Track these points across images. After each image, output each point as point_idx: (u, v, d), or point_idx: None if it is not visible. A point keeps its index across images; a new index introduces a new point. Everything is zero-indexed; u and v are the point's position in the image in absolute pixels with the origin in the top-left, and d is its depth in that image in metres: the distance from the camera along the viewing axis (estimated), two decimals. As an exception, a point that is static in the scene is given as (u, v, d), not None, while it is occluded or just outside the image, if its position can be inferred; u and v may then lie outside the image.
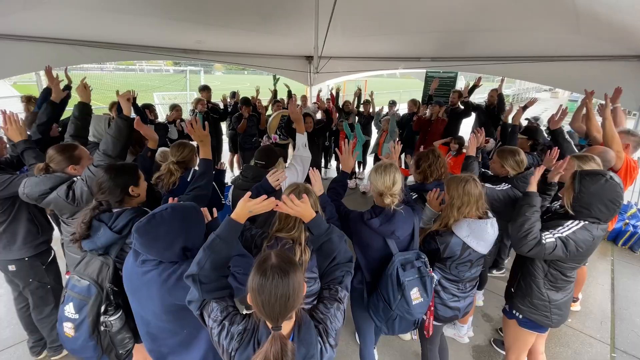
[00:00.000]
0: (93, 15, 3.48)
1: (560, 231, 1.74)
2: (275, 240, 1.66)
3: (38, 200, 1.91)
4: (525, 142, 3.53)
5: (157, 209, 1.41)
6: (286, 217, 1.65)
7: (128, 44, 4.97)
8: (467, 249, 1.83)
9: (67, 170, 2.01)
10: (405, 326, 1.91)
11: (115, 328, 1.60)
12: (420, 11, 3.55)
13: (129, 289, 1.48)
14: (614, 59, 4.18)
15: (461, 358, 2.76)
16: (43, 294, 2.38)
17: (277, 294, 1.00)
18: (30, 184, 1.90)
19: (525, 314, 2.00)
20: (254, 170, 2.49)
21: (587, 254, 1.81)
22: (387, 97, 8.06)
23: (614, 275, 3.96)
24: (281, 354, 0.97)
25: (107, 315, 1.58)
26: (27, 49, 4.04)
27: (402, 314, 1.79)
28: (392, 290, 1.77)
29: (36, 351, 2.59)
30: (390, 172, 1.81)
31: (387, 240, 1.84)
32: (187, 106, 9.56)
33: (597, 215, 1.69)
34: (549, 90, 33.77)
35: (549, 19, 3.32)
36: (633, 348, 2.90)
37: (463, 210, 1.83)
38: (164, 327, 1.45)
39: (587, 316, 3.27)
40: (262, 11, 3.71)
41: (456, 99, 5.74)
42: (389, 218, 1.80)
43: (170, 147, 2.56)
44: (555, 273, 1.86)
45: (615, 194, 1.64)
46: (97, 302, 1.58)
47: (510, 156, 2.58)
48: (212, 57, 6.35)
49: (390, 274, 1.78)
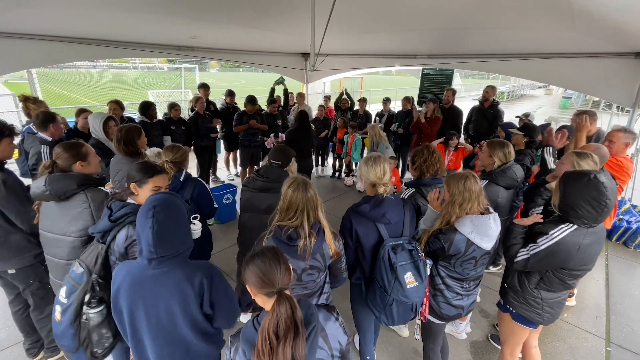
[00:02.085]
0: (86, 11, 3.43)
1: (540, 243, 1.78)
2: (278, 228, 1.66)
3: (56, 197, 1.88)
4: (521, 138, 3.55)
5: (148, 202, 1.39)
6: (287, 209, 1.67)
7: (121, 41, 4.90)
8: (471, 245, 1.83)
9: (74, 167, 2.00)
10: (403, 313, 1.94)
11: (94, 322, 1.60)
12: (417, 8, 3.55)
13: (131, 299, 1.39)
14: (608, 56, 4.21)
15: (459, 354, 2.78)
16: (44, 294, 2.35)
17: (268, 262, 1.12)
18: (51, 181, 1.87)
19: (518, 309, 2.03)
20: (277, 171, 2.48)
21: (581, 263, 1.77)
22: (382, 95, 8.06)
23: (609, 270, 4.01)
24: (291, 310, 1.00)
25: (89, 307, 1.59)
26: (19, 46, 3.97)
27: (398, 298, 1.84)
28: (386, 274, 1.84)
29: (33, 353, 2.56)
30: (379, 163, 1.93)
31: (378, 226, 1.91)
32: (183, 104, 9.49)
33: (583, 216, 1.67)
34: (543, 87, 34.07)
35: (544, 16, 3.33)
36: (628, 342, 2.94)
37: (465, 207, 1.84)
38: (168, 340, 1.42)
39: (582, 311, 3.31)
40: (257, 6, 3.68)
41: (450, 97, 5.76)
42: (379, 203, 1.91)
43: (164, 149, 2.64)
44: (552, 278, 1.86)
45: (599, 192, 1.61)
46: (84, 290, 1.60)
47: (499, 148, 2.68)
48: (207, 54, 6.28)
49: (382, 257, 1.86)
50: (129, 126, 2.75)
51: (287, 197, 1.66)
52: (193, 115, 5.38)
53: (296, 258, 1.64)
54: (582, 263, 1.77)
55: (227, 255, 3.83)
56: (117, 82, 18.52)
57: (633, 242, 4.45)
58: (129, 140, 2.68)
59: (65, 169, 1.97)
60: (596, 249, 1.78)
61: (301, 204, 1.64)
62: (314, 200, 1.67)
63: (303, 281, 1.73)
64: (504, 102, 21.67)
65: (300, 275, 1.70)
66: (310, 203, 1.65)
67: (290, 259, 1.63)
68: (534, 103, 25.42)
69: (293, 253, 1.62)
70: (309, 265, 1.69)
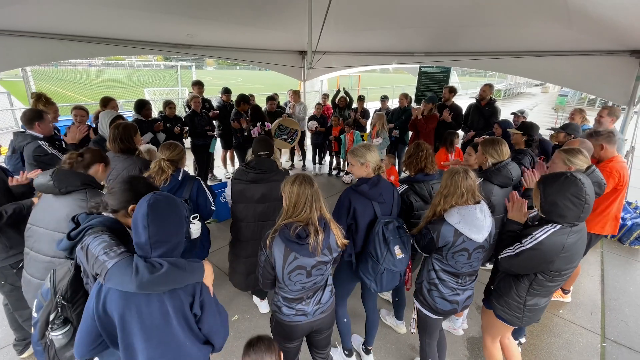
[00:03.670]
0: (81, 8, 3.40)
1: (525, 243, 1.81)
2: (285, 227, 1.65)
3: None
4: (520, 137, 3.55)
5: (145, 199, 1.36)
6: (294, 205, 1.67)
7: (117, 39, 4.85)
8: (459, 235, 1.89)
9: (94, 167, 2.09)
10: (391, 280, 2.20)
11: (59, 344, 1.48)
12: (414, 5, 3.55)
13: (123, 301, 1.32)
14: (603, 54, 4.23)
15: (456, 350, 2.80)
16: (19, 296, 2.28)
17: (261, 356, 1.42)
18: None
19: (499, 311, 2.07)
20: (266, 162, 2.66)
21: (567, 262, 1.81)
22: (379, 93, 8.06)
23: (604, 267, 4.04)
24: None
25: (52, 329, 1.45)
26: (14, 44, 3.92)
27: (389, 267, 2.11)
28: (380, 246, 2.10)
29: (19, 349, 2.57)
30: (374, 149, 2.23)
31: (374, 204, 2.15)
32: (179, 102, 9.44)
33: (565, 214, 1.72)
34: (539, 85, 34.20)
35: (541, 14, 3.34)
36: (623, 338, 2.97)
37: (449, 200, 1.94)
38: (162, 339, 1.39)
39: (578, 307, 3.34)
40: (254, 4, 3.67)
41: (447, 95, 5.77)
42: (376, 183, 2.16)
43: (160, 147, 2.57)
44: (541, 281, 1.88)
45: (577, 188, 1.67)
46: (48, 309, 1.48)
47: (491, 145, 2.71)
48: (204, 52, 6.24)
49: (377, 232, 2.11)
50: (126, 123, 2.75)
51: (294, 193, 1.66)
52: (189, 113, 5.35)
53: (307, 255, 1.65)
54: (567, 262, 1.81)
55: (225, 253, 3.81)
56: (113, 80, 18.40)
57: (628, 239, 4.49)
58: (125, 137, 2.68)
59: (87, 164, 2.05)
60: (580, 247, 1.83)
61: (308, 198, 1.65)
62: (319, 194, 1.70)
63: (312, 276, 1.74)
64: (501, 100, 21.75)
65: (310, 271, 1.71)
66: (316, 196, 1.67)
67: (300, 257, 1.65)
68: (531, 101, 25.52)
69: (305, 251, 1.63)
70: (318, 261, 1.71)
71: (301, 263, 1.67)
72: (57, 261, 1.87)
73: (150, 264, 1.28)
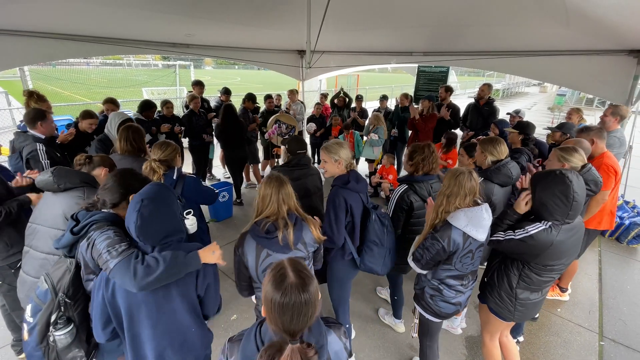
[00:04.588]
0: (79, 7, 3.38)
1: (517, 233, 1.88)
2: (255, 225, 1.69)
3: None
4: (516, 136, 3.56)
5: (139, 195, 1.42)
6: (262, 202, 1.71)
7: (115, 38, 4.83)
8: (467, 238, 1.86)
9: (100, 169, 2.20)
10: (392, 260, 2.36)
11: (62, 344, 1.49)
12: (413, 5, 3.54)
13: (130, 292, 1.38)
14: (601, 54, 4.24)
15: (455, 349, 2.81)
16: (16, 297, 2.24)
17: (299, 312, 0.95)
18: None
19: (491, 304, 2.10)
20: (305, 158, 2.81)
21: (554, 257, 1.85)
22: (378, 92, 8.06)
23: (602, 266, 4.06)
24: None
25: (56, 328, 1.47)
26: (11, 43, 3.90)
27: (390, 246, 2.30)
28: (380, 230, 2.26)
29: (17, 350, 2.57)
30: (346, 146, 2.32)
31: (361, 196, 2.28)
32: (178, 101, 9.41)
33: (554, 211, 1.75)
34: (537, 84, 34.28)
35: (539, 14, 3.34)
36: (620, 336, 2.98)
37: (452, 201, 1.89)
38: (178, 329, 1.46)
39: (576, 306, 3.35)
40: (253, 3, 3.66)
41: (444, 94, 5.77)
42: (357, 176, 2.29)
43: (152, 147, 2.55)
44: (529, 273, 1.93)
45: (565, 186, 1.70)
46: (49, 310, 1.48)
47: (490, 144, 2.73)
48: (202, 52, 6.22)
49: (374, 219, 2.27)
50: (136, 126, 2.80)
51: (262, 191, 1.72)
52: (187, 113, 5.34)
53: (280, 251, 1.65)
54: (555, 258, 1.85)
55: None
56: (111, 80, 18.32)
57: (626, 238, 4.51)
58: (136, 139, 2.72)
59: (94, 167, 2.16)
60: (572, 245, 1.85)
61: (275, 194, 1.70)
62: (289, 191, 1.73)
63: None
64: (499, 100, 21.76)
65: None
66: (285, 192, 1.71)
67: (273, 253, 1.65)
68: (529, 100, 25.58)
69: (276, 246, 1.65)
70: (293, 257, 1.70)
71: (274, 260, 1.65)
72: (51, 258, 1.88)
73: (147, 264, 1.32)
